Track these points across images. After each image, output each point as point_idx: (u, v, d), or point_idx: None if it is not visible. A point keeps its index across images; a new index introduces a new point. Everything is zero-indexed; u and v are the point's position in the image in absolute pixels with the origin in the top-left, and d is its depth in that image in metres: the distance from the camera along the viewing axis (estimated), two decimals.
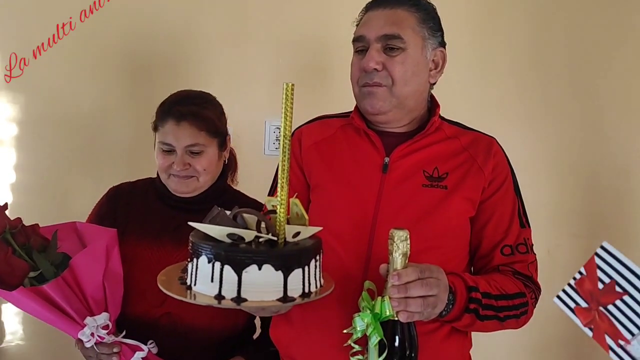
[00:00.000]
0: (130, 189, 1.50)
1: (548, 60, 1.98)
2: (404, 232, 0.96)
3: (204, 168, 1.39)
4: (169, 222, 1.42)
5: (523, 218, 1.24)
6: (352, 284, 1.13)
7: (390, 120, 1.23)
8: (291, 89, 0.91)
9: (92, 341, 1.23)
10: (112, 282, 1.28)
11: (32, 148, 1.93)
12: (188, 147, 1.37)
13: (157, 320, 1.33)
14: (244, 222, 0.97)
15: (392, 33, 1.17)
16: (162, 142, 1.39)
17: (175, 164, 1.37)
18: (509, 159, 1.26)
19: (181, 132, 1.36)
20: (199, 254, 0.90)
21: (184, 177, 1.39)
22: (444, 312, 1.05)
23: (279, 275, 0.89)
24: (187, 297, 0.90)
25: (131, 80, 1.94)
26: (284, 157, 0.93)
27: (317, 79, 1.96)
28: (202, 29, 1.94)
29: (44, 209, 1.86)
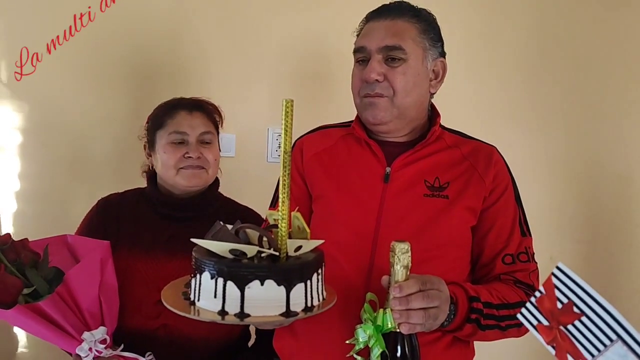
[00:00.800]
0: (120, 200, 1.49)
1: (549, 67, 1.98)
2: (405, 244, 0.97)
3: (215, 158, 1.43)
4: (161, 233, 1.41)
5: (524, 227, 1.24)
6: (354, 294, 1.13)
7: (391, 130, 1.23)
8: (291, 105, 0.92)
9: (90, 356, 1.21)
10: (107, 295, 1.26)
11: (36, 156, 1.94)
12: (201, 136, 1.41)
13: (154, 332, 1.33)
14: (246, 237, 0.97)
15: (393, 44, 1.17)
16: (175, 132, 1.40)
17: (191, 152, 1.39)
18: (509, 168, 1.27)
19: (195, 120, 1.42)
20: (202, 270, 0.91)
21: (196, 167, 1.40)
22: (445, 323, 1.05)
23: (282, 290, 0.89)
24: (191, 313, 0.90)
25: (134, 88, 1.94)
26: (284, 172, 0.94)
27: (318, 87, 1.96)
28: (204, 38, 1.95)
29: (48, 217, 1.87)
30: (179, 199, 1.44)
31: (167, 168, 1.41)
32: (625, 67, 1.94)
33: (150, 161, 1.49)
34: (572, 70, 1.97)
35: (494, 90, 2.00)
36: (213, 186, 1.49)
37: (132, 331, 1.33)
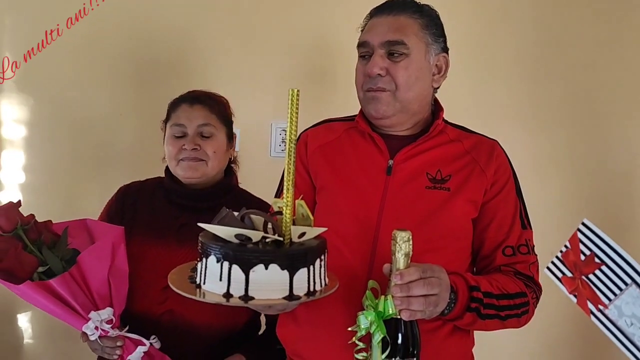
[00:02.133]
0: (139, 187, 1.54)
1: (551, 63, 1.99)
2: (406, 233, 0.99)
3: (213, 150, 1.44)
4: (174, 221, 1.45)
5: (525, 219, 1.26)
6: (356, 283, 1.15)
7: (394, 124, 1.25)
8: (296, 94, 0.94)
9: (95, 334, 1.27)
10: (117, 278, 1.31)
11: (41, 149, 1.97)
12: (200, 128, 1.44)
13: (159, 317, 1.37)
14: (251, 223, 0.99)
15: (396, 39, 1.19)
16: (174, 125, 1.44)
17: (187, 144, 1.42)
18: (510, 162, 1.29)
19: (194, 112, 1.45)
20: (208, 254, 0.93)
21: (193, 159, 1.42)
22: (446, 311, 1.07)
23: (285, 274, 0.92)
24: (196, 296, 0.93)
25: (138, 82, 1.97)
26: (289, 161, 0.96)
27: (322, 82, 1.98)
28: (208, 32, 1.97)
29: (52, 209, 1.87)
30: (192, 189, 1.47)
31: (169, 159, 1.46)
32: (629, 65, 1.94)
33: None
34: (574, 67, 1.98)
35: (495, 87, 2.01)
36: (227, 178, 1.52)
37: (138, 315, 1.37)
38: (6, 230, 1.23)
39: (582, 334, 1.95)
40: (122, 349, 1.29)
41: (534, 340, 1.94)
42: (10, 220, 1.24)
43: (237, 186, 1.57)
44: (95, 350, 1.33)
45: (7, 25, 1.92)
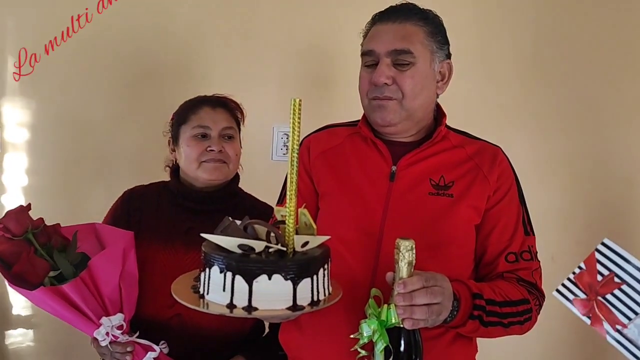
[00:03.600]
0: (144, 192, 1.54)
1: (552, 68, 1.99)
2: (409, 242, 0.99)
3: (235, 153, 1.48)
4: (180, 225, 1.45)
5: (527, 226, 1.26)
6: (359, 290, 1.15)
7: (399, 132, 1.25)
8: (299, 104, 0.94)
9: (106, 340, 1.27)
10: (127, 283, 1.31)
11: (44, 152, 1.97)
12: (223, 131, 1.46)
13: (167, 322, 1.37)
14: (254, 232, 0.99)
15: (402, 48, 1.19)
16: (198, 126, 1.46)
17: (214, 145, 1.43)
18: (513, 168, 1.28)
19: (218, 115, 1.48)
20: (211, 264, 0.93)
21: (218, 161, 1.44)
22: (448, 319, 1.07)
23: (289, 284, 0.92)
24: (200, 306, 0.93)
25: (140, 86, 1.97)
26: (292, 170, 0.96)
27: (324, 87, 1.98)
28: (210, 37, 1.97)
29: (56, 212, 1.87)
30: (199, 192, 1.48)
31: (190, 161, 1.45)
32: (629, 68, 1.94)
33: (174, 156, 1.54)
34: (574, 72, 1.98)
35: (496, 91, 2.01)
36: (233, 181, 1.53)
37: (146, 319, 1.37)
38: (17, 234, 1.23)
39: (583, 338, 1.97)
40: (132, 354, 1.30)
41: (535, 344, 1.94)
42: (21, 224, 1.24)
43: (242, 190, 1.58)
44: (104, 355, 1.33)
45: (6, 30, 1.92)
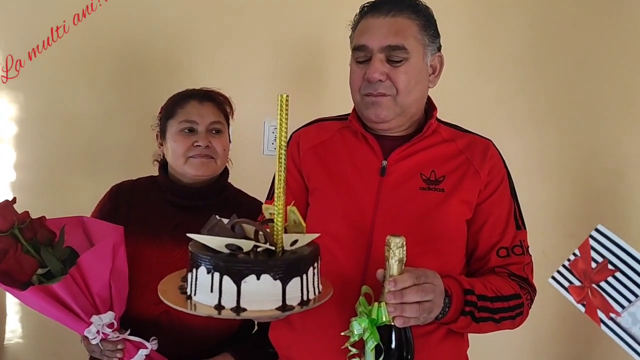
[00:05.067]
0: (132, 187, 1.52)
1: (543, 63, 1.98)
2: (400, 238, 0.98)
3: (223, 149, 1.45)
4: (169, 220, 1.43)
5: (519, 220, 1.25)
6: (350, 287, 1.14)
7: (392, 127, 1.24)
8: (286, 100, 0.92)
9: (97, 338, 1.26)
10: (118, 280, 1.30)
11: (32, 147, 1.95)
12: (211, 125, 1.44)
13: (156, 318, 1.36)
14: (242, 231, 0.98)
15: (396, 44, 1.16)
16: (185, 121, 1.43)
17: (200, 140, 1.41)
18: (505, 162, 1.27)
19: (205, 109, 1.45)
20: (198, 265, 0.92)
21: (205, 156, 1.42)
22: (440, 315, 1.06)
23: (277, 284, 0.90)
24: (187, 308, 0.91)
25: (129, 80, 1.94)
26: (280, 167, 0.94)
27: (315, 80, 1.96)
28: (199, 30, 1.95)
29: (44, 208, 1.84)
30: (188, 187, 1.46)
31: (176, 156, 1.43)
32: (619, 64, 1.94)
33: (162, 150, 1.51)
34: (565, 66, 1.98)
35: (487, 85, 2.00)
36: (222, 176, 1.51)
37: (135, 316, 1.36)
38: (2, 230, 1.20)
39: (573, 331, 1.98)
40: (123, 352, 1.29)
41: (527, 337, 1.95)
42: (7, 219, 1.20)
43: (232, 185, 1.56)
44: (93, 352, 1.31)
45: (9, 24, 1.89)
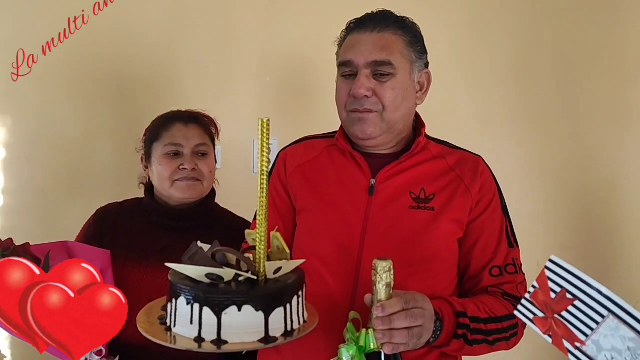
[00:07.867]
0: (117, 209, 1.50)
1: (534, 73, 1.98)
2: (387, 262, 0.95)
3: (210, 170, 1.44)
4: (156, 243, 1.41)
5: (511, 238, 1.22)
6: (339, 311, 1.11)
7: (379, 144, 1.21)
8: (267, 124, 0.89)
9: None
10: None
11: (19, 171, 1.93)
12: (196, 147, 1.43)
13: (144, 343, 1.30)
14: (224, 259, 0.95)
15: (382, 59, 1.14)
16: (170, 144, 1.42)
17: (186, 163, 1.40)
18: (495, 178, 1.25)
19: (190, 132, 1.43)
20: (177, 295, 0.89)
21: (191, 179, 1.41)
22: (431, 340, 1.03)
23: (260, 315, 0.87)
24: (167, 341, 0.88)
25: (116, 101, 1.93)
26: (262, 194, 0.91)
27: (303, 98, 1.95)
28: (187, 49, 1.94)
29: (32, 232, 1.85)
30: (174, 210, 1.44)
31: (162, 180, 1.42)
32: (610, 73, 1.94)
33: (147, 173, 1.50)
34: (557, 76, 1.98)
35: (478, 97, 1.99)
36: (209, 197, 1.50)
37: (124, 341, 1.31)
38: None
39: None
40: None
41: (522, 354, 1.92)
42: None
43: (219, 205, 1.54)
44: None
45: None
